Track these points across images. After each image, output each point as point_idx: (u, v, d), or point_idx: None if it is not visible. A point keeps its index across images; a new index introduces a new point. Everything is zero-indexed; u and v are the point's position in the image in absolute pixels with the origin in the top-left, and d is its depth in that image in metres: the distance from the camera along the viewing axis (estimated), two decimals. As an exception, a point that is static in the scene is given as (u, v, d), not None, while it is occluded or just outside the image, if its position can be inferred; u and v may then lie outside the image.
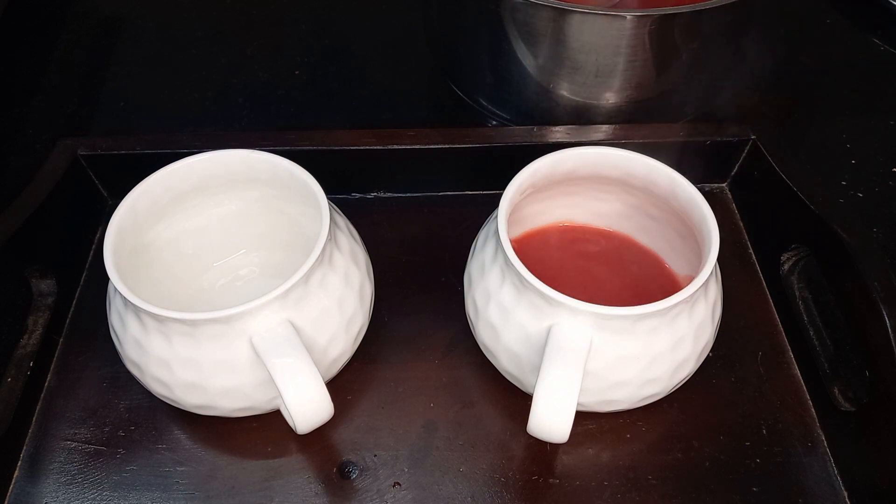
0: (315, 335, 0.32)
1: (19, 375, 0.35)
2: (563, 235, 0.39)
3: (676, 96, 0.45)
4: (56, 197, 0.39)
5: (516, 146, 0.41)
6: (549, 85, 0.44)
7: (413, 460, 0.34)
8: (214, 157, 0.35)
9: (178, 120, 0.51)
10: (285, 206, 0.37)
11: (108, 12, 0.60)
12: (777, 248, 0.39)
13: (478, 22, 0.44)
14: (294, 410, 0.29)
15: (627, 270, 0.38)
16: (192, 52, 0.56)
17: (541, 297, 0.30)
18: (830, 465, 0.34)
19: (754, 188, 0.42)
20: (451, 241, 0.42)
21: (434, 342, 0.38)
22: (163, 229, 0.36)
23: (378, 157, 0.42)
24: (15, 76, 0.55)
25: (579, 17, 0.39)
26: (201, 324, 0.30)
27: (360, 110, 0.52)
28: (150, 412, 0.36)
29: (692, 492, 0.33)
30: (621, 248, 0.38)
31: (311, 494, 0.33)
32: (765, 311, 0.39)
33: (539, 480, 0.34)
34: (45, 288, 0.38)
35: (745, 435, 0.35)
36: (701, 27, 0.40)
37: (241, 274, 0.39)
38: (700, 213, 0.33)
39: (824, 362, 0.36)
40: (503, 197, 0.33)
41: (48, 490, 0.34)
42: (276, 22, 0.59)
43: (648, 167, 0.35)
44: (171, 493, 0.33)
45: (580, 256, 0.38)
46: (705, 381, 0.36)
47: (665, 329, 0.31)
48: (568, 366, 0.29)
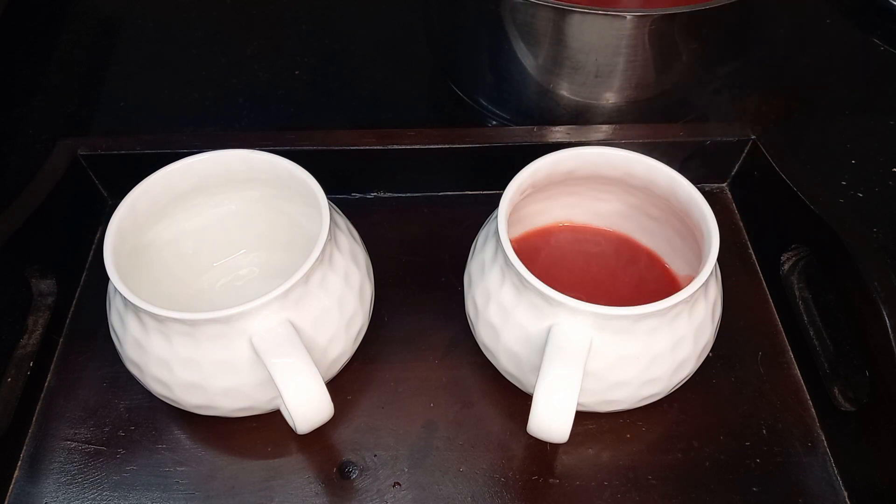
0: (315, 335, 0.32)
1: (19, 375, 0.35)
2: (563, 235, 0.39)
3: (676, 96, 0.45)
4: (56, 197, 0.39)
5: (516, 146, 0.41)
6: (549, 85, 0.44)
7: (413, 460, 0.34)
8: (214, 157, 0.35)
9: (178, 120, 0.51)
10: (285, 206, 0.37)
11: (108, 12, 0.60)
12: (777, 248, 0.39)
13: (478, 22, 0.44)
14: (294, 410, 0.29)
15: (627, 270, 0.38)
16: (192, 52, 0.56)
17: (541, 297, 0.30)
18: (830, 465, 0.34)
19: (754, 188, 0.42)
20: (451, 241, 0.42)
21: (434, 342, 0.38)
22: (163, 229, 0.36)
23: (378, 157, 0.42)
24: (15, 76, 0.55)
25: (579, 17, 0.39)
26: (201, 324, 0.30)
27: (360, 110, 0.52)
28: (150, 412, 0.36)
29: (692, 492, 0.33)
30: (621, 248, 0.38)
31: (311, 494, 0.33)
32: (765, 311, 0.39)
33: (539, 480, 0.34)
34: (45, 288, 0.38)
35: (745, 435, 0.35)
36: (701, 27, 0.40)
37: (241, 274, 0.39)
38: (700, 213, 0.33)
39: (824, 362, 0.36)
40: (503, 197, 0.33)
41: (48, 490, 0.34)
42: (276, 22, 0.59)
43: (648, 167, 0.35)
44: (171, 493, 0.33)
45: (580, 256, 0.38)
46: (705, 381, 0.36)
47: (665, 329, 0.31)
48: (568, 366, 0.29)
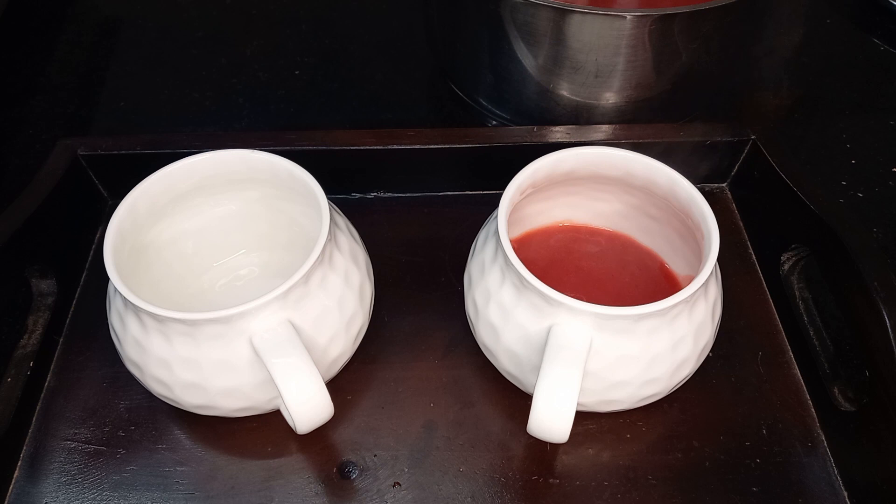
0: (315, 335, 0.32)
1: (19, 375, 0.35)
2: (563, 235, 0.39)
3: (676, 96, 0.45)
4: (56, 197, 0.39)
5: (516, 146, 0.41)
6: (549, 85, 0.44)
7: (413, 460, 0.34)
8: (214, 157, 0.35)
9: (178, 120, 0.51)
10: (285, 206, 0.37)
11: (108, 12, 0.60)
12: (777, 248, 0.39)
13: (478, 22, 0.44)
14: (294, 410, 0.29)
15: (627, 270, 0.38)
16: (192, 52, 0.56)
17: (541, 297, 0.30)
18: (830, 465, 0.34)
19: (754, 188, 0.42)
20: (451, 241, 0.42)
21: (434, 342, 0.38)
22: (163, 229, 0.36)
23: (378, 157, 0.42)
24: (15, 76, 0.55)
25: (579, 17, 0.39)
26: (201, 324, 0.30)
27: (360, 110, 0.52)
28: (150, 412, 0.36)
29: (692, 492, 0.33)
30: (621, 247, 0.38)
31: (311, 494, 0.33)
32: (765, 311, 0.39)
33: (539, 480, 0.34)
34: (45, 288, 0.38)
35: (745, 435, 0.35)
36: (701, 27, 0.40)
37: (241, 274, 0.39)
38: (700, 213, 0.33)
39: (824, 362, 0.36)
40: (503, 197, 0.33)
41: (48, 490, 0.34)
42: (276, 22, 0.59)
43: (648, 167, 0.35)
44: (171, 493, 0.33)
45: (580, 256, 0.38)
46: (705, 381, 0.37)
47: (665, 329, 0.31)
48: (568, 366, 0.29)
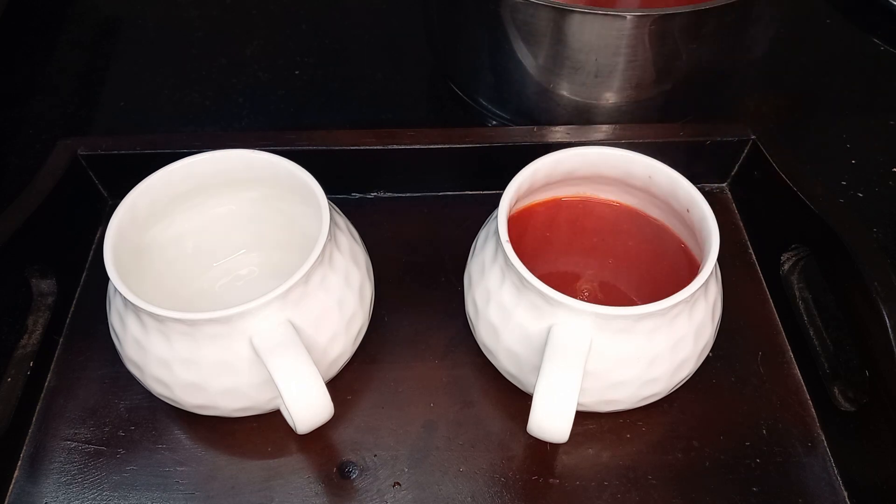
0: (315, 335, 0.32)
1: (19, 375, 0.35)
2: (562, 211, 0.38)
3: (676, 96, 0.45)
4: (56, 197, 0.39)
5: (516, 146, 0.41)
6: (549, 85, 0.44)
7: (413, 460, 0.34)
8: (214, 157, 0.35)
9: (178, 120, 0.51)
10: (285, 206, 0.37)
11: (108, 12, 0.60)
12: (777, 248, 0.39)
13: (478, 22, 0.44)
14: (294, 410, 0.29)
15: (632, 245, 0.37)
16: (192, 52, 0.56)
17: (541, 296, 0.30)
18: (830, 465, 0.34)
19: (754, 188, 0.42)
20: (451, 241, 0.42)
21: (434, 342, 0.38)
22: (163, 229, 0.36)
23: (378, 157, 0.42)
24: (15, 76, 0.55)
25: (579, 17, 0.39)
26: (201, 324, 0.30)
27: (360, 110, 0.52)
28: (150, 412, 0.36)
29: (692, 492, 0.33)
30: (628, 220, 0.37)
31: (311, 494, 0.33)
32: (765, 311, 0.39)
33: (539, 480, 0.34)
34: (45, 288, 0.38)
35: (745, 435, 0.35)
36: (701, 27, 0.40)
37: (241, 274, 0.39)
38: (700, 213, 0.33)
39: (824, 362, 0.36)
40: (503, 197, 0.33)
41: (48, 490, 0.34)
42: (276, 22, 0.59)
43: (648, 167, 0.35)
44: (171, 493, 0.33)
45: (580, 232, 0.37)
46: (705, 381, 0.36)
47: (665, 329, 0.31)
48: (568, 366, 0.29)
